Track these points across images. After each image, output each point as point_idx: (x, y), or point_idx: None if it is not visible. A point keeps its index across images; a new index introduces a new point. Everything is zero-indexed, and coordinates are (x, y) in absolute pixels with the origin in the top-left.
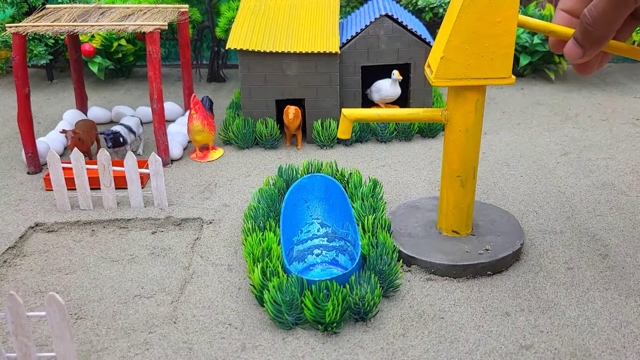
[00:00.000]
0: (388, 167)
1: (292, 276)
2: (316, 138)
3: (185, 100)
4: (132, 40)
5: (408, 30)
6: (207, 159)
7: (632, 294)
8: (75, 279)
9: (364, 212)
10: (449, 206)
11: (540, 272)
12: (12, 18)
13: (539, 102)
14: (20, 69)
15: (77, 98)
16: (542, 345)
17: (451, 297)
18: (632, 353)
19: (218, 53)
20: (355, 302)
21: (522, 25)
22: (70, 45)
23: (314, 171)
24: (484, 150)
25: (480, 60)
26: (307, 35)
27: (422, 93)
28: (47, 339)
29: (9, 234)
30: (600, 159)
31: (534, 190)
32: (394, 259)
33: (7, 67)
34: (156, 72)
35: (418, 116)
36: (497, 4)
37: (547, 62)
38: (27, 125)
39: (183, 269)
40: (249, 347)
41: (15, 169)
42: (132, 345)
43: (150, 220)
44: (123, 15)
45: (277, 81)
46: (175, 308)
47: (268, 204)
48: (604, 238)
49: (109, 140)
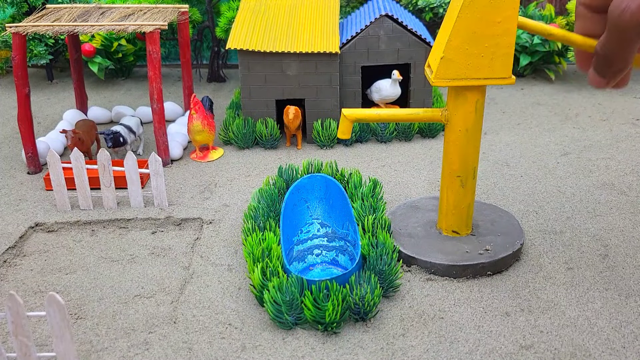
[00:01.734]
0: (388, 167)
1: (292, 276)
2: (316, 138)
3: (185, 100)
4: (132, 40)
5: (408, 30)
6: (207, 159)
7: (632, 294)
8: (75, 279)
9: (364, 212)
10: (449, 206)
11: (540, 272)
12: (12, 18)
13: (539, 102)
14: (20, 68)
15: (77, 98)
16: (542, 345)
17: (451, 297)
18: (632, 353)
19: (218, 53)
20: (355, 302)
21: (521, 26)
22: (70, 45)
23: (314, 171)
24: (484, 150)
25: (480, 61)
26: (307, 35)
27: (422, 93)
28: (47, 339)
29: (9, 234)
30: (600, 159)
31: (534, 190)
32: (394, 259)
33: (7, 67)
34: (156, 72)
35: (418, 116)
36: (497, 4)
37: (547, 62)
38: (27, 125)
39: (183, 269)
40: (249, 347)
41: (15, 169)
42: (132, 345)
43: (150, 220)
44: (123, 15)
45: (277, 81)
46: (175, 308)
47: (268, 204)
48: (604, 238)
49: (109, 140)
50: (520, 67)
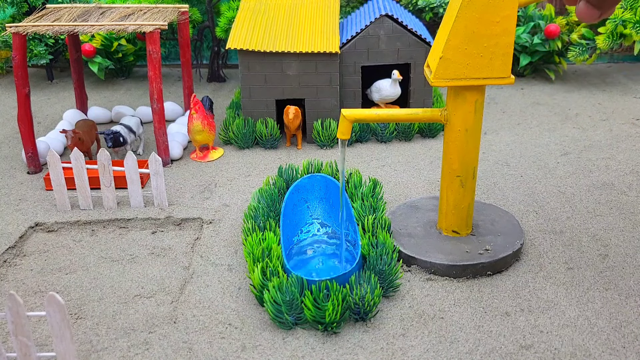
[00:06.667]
0: (388, 167)
1: (292, 276)
2: (316, 138)
3: (185, 100)
4: (132, 40)
5: (408, 30)
6: (207, 159)
7: (632, 294)
8: (75, 278)
9: (364, 212)
10: (449, 206)
11: (540, 272)
12: (12, 18)
13: (539, 102)
14: (21, 68)
15: (77, 98)
16: (542, 345)
17: (451, 297)
18: (632, 353)
19: (218, 53)
20: (355, 302)
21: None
22: (70, 45)
23: (314, 171)
24: (484, 150)
25: (480, 60)
26: (307, 35)
27: (422, 93)
28: (47, 339)
29: (9, 233)
30: (600, 159)
31: (534, 190)
32: (394, 259)
33: (7, 67)
34: (156, 72)
35: (417, 116)
36: (496, 4)
37: (547, 62)
38: (27, 125)
39: (183, 269)
40: (249, 347)
41: (15, 169)
42: (132, 345)
43: (150, 220)
44: (123, 15)
45: (277, 81)
46: (175, 308)
47: (268, 204)
48: (604, 238)
49: (109, 140)
50: (520, 67)
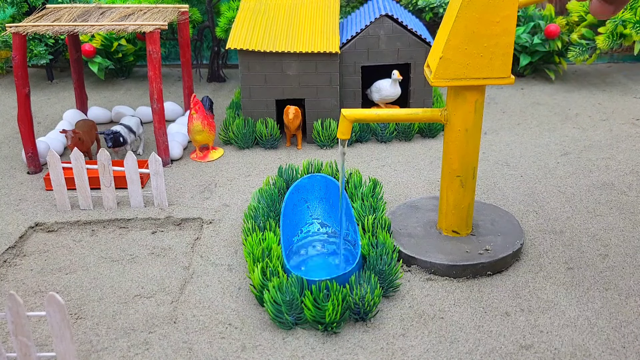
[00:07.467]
0: (388, 167)
1: (292, 276)
2: (316, 138)
3: (185, 100)
4: (132, 40)
5: (408, 30)
6: (207, 159)
7: (632, 294)
8: (75, 278)
9: (364, 212)
10: (449, 206)
11: (540, 272)
12: (12, 18)
13: (539, 102)
14: (21, 68)
15: (77, 98)
16: (542, 345)
17: (451, 297)
18: (632, 353)
19: (218, 53)
20: (355, 302)
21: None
22: (70, 45)
23: (314, 171)
24: (484, 150)
25: (480, 60)
26: (307, 35)
27: (422, 93)
28: (47, 339)
29: (9, 233)
30: (600, 159)
31: (534, 190)
32: (394, 259)
33: (7, 67)
34: (156, 72)
35: (417, 116)
36: (496, 4)
37: (547, 62)
38: (27, 125)
39: (183, 269)
40: (249, 347)
41: (15, 169)
42: (132, 345)
43: (150, 220)
44: (123, 15)
45: (277, 81)
46: (175, 308)
47: (268, 204)
48: (604, 238)
49: (109, 140)
50: (520, 67)
